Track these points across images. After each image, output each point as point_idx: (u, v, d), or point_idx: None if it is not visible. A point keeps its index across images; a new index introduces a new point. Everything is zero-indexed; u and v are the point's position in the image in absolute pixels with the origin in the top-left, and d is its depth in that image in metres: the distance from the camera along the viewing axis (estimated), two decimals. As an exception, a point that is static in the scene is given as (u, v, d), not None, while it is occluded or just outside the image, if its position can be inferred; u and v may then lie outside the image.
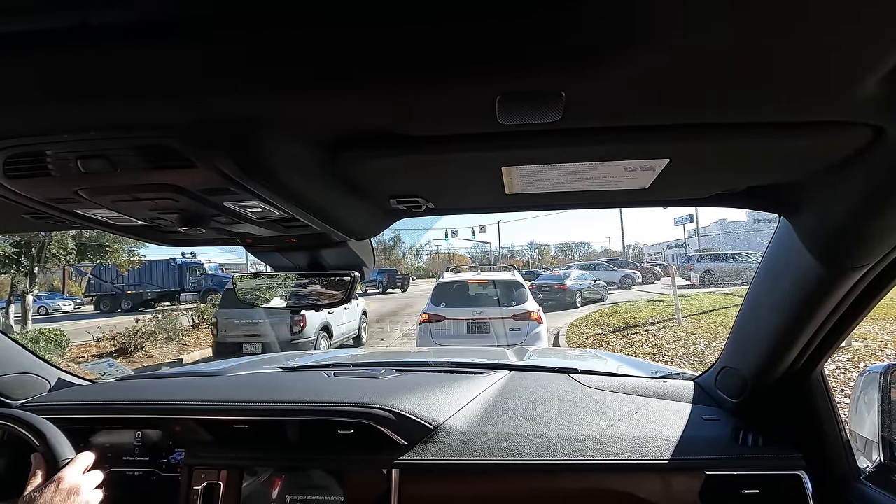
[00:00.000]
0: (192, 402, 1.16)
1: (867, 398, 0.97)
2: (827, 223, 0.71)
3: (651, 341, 7.26)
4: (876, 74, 0.38)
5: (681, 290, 10.16)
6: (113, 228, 0.71)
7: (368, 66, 0.37)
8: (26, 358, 1.34)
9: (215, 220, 0.65)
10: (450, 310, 5.80)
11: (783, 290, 0.89)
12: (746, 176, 0.69)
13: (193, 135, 0.44)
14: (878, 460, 0.95)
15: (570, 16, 0.31)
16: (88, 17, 0.32)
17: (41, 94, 0.40)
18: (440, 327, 5.69)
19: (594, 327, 9.24)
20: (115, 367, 2.03)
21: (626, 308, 11.42)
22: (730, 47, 0.35)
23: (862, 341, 5.56)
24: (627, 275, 21.47)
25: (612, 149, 0.55)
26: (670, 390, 1.26)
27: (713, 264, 17.98)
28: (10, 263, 9.99)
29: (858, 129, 0.49)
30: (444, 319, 5.71)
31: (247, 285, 1.03)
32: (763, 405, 1.08)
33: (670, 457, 1.00)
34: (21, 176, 0.50)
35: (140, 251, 13.42)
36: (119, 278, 19.30)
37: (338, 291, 0.94)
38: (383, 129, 0.51)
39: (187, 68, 0.37)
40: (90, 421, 1.20)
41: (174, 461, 1.17)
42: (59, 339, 7.91)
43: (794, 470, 0.97)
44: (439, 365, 1.58)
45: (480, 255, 43.91)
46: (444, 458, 1.03)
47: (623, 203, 0.84)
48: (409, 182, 0.68)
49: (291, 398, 1.15)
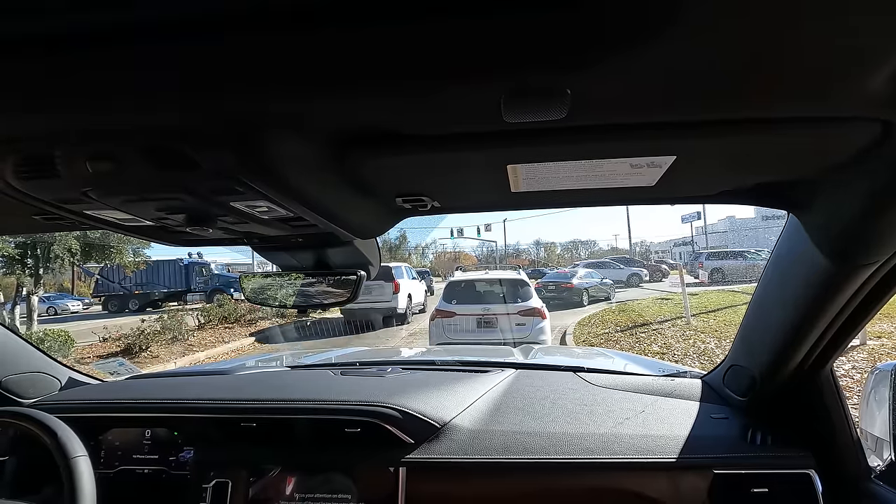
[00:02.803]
0: (200, 401, 1.18)
1: (878, 396, 0.97)
2: (837, 220, 0.71)
3: (660, 340, 7.16)
4: (886, 69, 0.38)
5: (689, 288, 10.04)
6: (121, 229, 0.72)
7: (375, 67, 0.37)
8: (38, 357, 1.37)
9: (222, 219, 0.66)
10: (460, 307, 6.18)
11: (792, 287, 0.89)
12: (755, 172, 0.69)
13: (200, 136, 0.45)
14: (889, 459, 0.94)
15: (575, 13, 0.32)
16: (96, 18, 0.33)
17: (50, 97, 0.40)
18: (451, 323, 6.07)
19: (602, 326, 9.11)
20: (125, 366, 2.05)
21: (633, 306, 11.27)
22: (737, 43, 0.35)
23: (877, 339, 5.48)
24: (635, 273, 21.31)
25: (619, 146, 0.55)
26: (678, 388, 1.26)
27: (722, 262, 17.84)
28: (15, 264, 10.11)
29: (869, 124, 0.49)
30: (455, 316, 6.09)
31: (254, 284, 1.04)
32: (772, 403, 1.07)
33: (678, 455, 1.00)
34: (31, 177, 0.51)
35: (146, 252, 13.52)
36: (126, 279, 19.49)
37: (344, 290, 0.95)
38: (390, 128, 0.51)
39: (195, 70, 0.37)
40: (100, 419, 1.22)
41: (183, 459, 1.18)
42: (64, 340, 8.00)
43: (803, 468, 0.96)
44: (445, 364, 1.58)
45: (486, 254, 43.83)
46: (451, 457, 1.04)
47: (630, 200, 0.84)
48: (415, 181, 0.68)
49: (299, 397, 1.16)
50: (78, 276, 25.16)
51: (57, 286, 25.10)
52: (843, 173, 0.62)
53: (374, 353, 2.31)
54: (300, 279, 0.99)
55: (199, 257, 20.55)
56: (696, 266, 18.06)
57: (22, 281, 10.03)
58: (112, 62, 0.36)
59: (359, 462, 1.07)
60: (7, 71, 0.37)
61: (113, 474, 1.20)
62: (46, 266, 10.56)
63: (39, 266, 10.34)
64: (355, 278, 0.93)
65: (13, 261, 10.13)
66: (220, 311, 11.64)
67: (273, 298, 1.05)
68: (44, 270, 10.63)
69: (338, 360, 1.90)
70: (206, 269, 20.61)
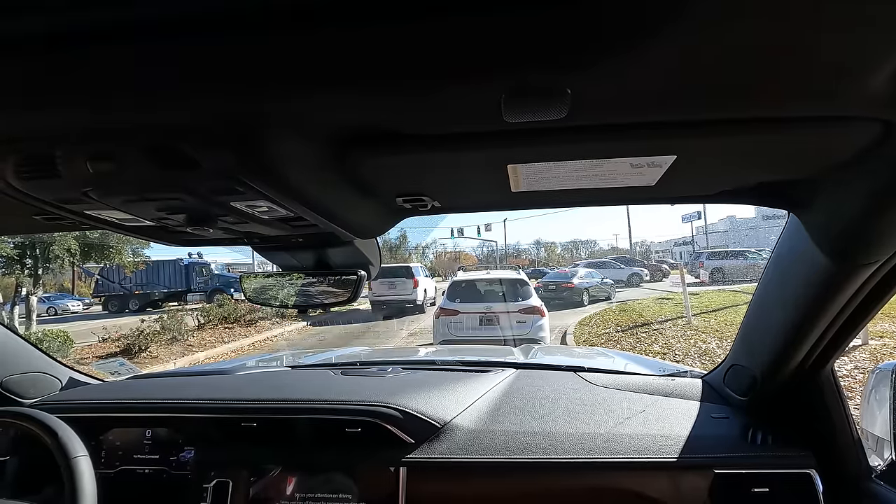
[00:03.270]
0: (200, 401, 1.18)
1: (878, 396, 0.97)
2: (837, 219, 0.71)
3: (661, 340, 7.13)
4: (886, 69, 0.39)
5: (690, 288, 10.03)
6: (122, 229, 0.72)
7: (375, 66, 0.38)
8: (38, 357, 1.37)
9: (222, 219, 0.67)
10: (463, 305, 6.47)
11: (793, 286, 0.89)
12: (755, 172, 0.69)
13: (201, 135, 0.45)
14: (889, 458, 0.94)
15: (575, 12, 0.32)
16: (96, 16, 0.33)
17: (50, 96, 0.41)
18: (454, 321, 6.34)
19: (602, 326, 9.05)
20: (126, 366, 2.06)
21: (634, 306, 11.25)
22: (738, 43, 0.36)
23: (878, 339, 5.48)
24: (635, 272, 21.31)
25: (619, 146, 0.55)
26: (678, 388, 1.27)
27: (723, 261, 17.80)
28: (14, 265, 10.12)
29: (869, 124, 0.49)
30: (458, 314, 6.36)
31: (254, 284, 1.05)
32: (773, 403, 1.08)
33: (679, 455, 1.00)
34: (32, 177, 0.51)
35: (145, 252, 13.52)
36: (126, 279, 19.48)
37: (344, 290, 0.96)
38: (390, 128, 0.51)
39: (195, 68, 0.38)
40: (101, 419, 1.22)
41: (184, 459, 1.19)
42: (63, 340, 8.00)
43: (804, 468, 0.97)
44: (446, 363, 1.59)
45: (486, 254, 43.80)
46: (451, 457, 1.04)
47: (630, 200, 0.84)
48: (416, 181, 0.69)
49: (299, 397, 1.16)
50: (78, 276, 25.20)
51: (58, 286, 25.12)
52: (843, 173, 0.62)
53: (374, 353, 2.31)
54: (301, 279, 1.00)
55: (199, 257, 20.56)
56: (696, 266, 18.06)
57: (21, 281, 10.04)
58: (112, 60, 0.36)
59: (359, 462, 1.08)
60: (7, 69, 0.37)
61: (114, 474, 1.20)
62: (45, 266, 10.58)
63: (38, 266, 10.35)
64: (355, 278, 0.93)
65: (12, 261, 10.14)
66: (220, 312, 11.60)
67: (274, 298, 1.05)
68: (43, 271, 10.64)
69: (338, 360, 1.91)
70: (206, 270, 20.61)
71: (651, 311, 10.11)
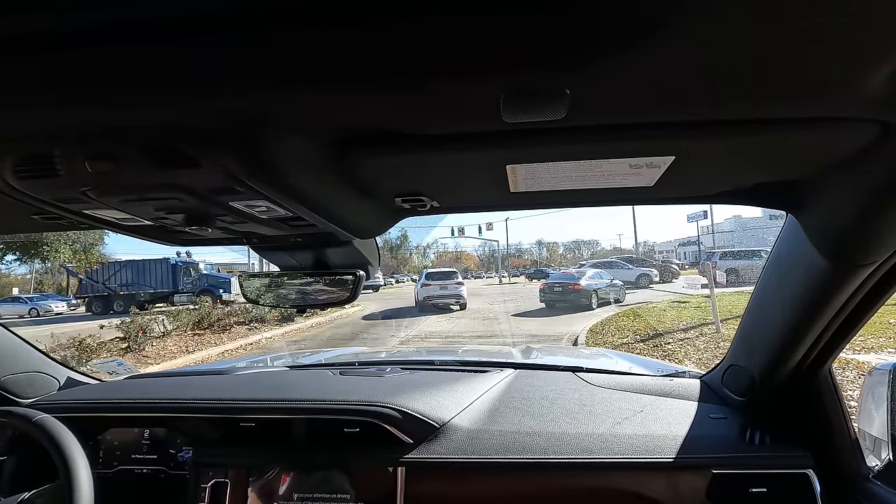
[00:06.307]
0: (199, 401, 1.21)
1: (876, 396, 1.00)
2: (835, 220, 0.73)
3: (693, 353, 6.26)
4: (883, 70, 0.40)
5: (705, 291, 9.59)
6: (121, 228, 0.74)
7: (374, 66, 0.39)
8: (36, 357, 1.40)
9: (221, 219, 0.68)
10: (432, 280, 14.81)
11: (791, 287, 0.92)
12: (753, 173, 0.71)
13: (199, 135, 0.46)
14: (887, 459, 0.97)
15: (573, 12, 0.33)
16: (94, 15, 0.34)
17: (49, 95, 0.42)
18: (429, 288, 14.55)
19: (618, 334, 8.14)
20: (124, 366, 2.09)
21: (649, 310, 10.71)
22: (735, 43, 0.37)
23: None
24: (644, 273, 20.86)
25: (617, 146, 0.56)
26: (677, 389, 1.30)
27: (737, 262, 17.59)
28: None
29: (866, 125, 0.50)
30: (430, 285, 14.63)
31: (253, 284, 1.08)
32: (770, 403, 1.11)
33: (677, 455, 1.03)
34: (30, 176, 0.52)
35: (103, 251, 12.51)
36: (111, 279, 19.38)
37: (343, 290, 0.98)
38: (389, 128, 0.53)
39: (193, 68, 0.39)
40: (99, 419, 1.26)
41: (182, 459, 1.22)
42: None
43: (801, 468, 1.00)
44: (445, 364, 1.62)
45: (488, 254, 43.66)
46: (449, 457, 1.07)
47: (629, 201, 0.86)
48: (414, 181, 0.71)
49: (297, 397, 1.20)
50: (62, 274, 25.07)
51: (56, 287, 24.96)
52: (841, 173, 0.64)
53: (373, 353, 2.34)
54: (300, 279, 1.03)
55: (187, 256, 20.41)
56: (706, 266, 17.91)
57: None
58: (110, 60, 0.38)
59: (357, 462, 1.11)
60: (6, 67, 0.38)
61: (111, 474, 1.24)
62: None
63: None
64: (354, 278, 0.96)
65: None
66: (190, 317, 10.50)
67: (272, 298, 1.08)
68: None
69: (337, 360, 1.93)
70: (194, 269, 20.45)
71: (669, 317, 9.56)
